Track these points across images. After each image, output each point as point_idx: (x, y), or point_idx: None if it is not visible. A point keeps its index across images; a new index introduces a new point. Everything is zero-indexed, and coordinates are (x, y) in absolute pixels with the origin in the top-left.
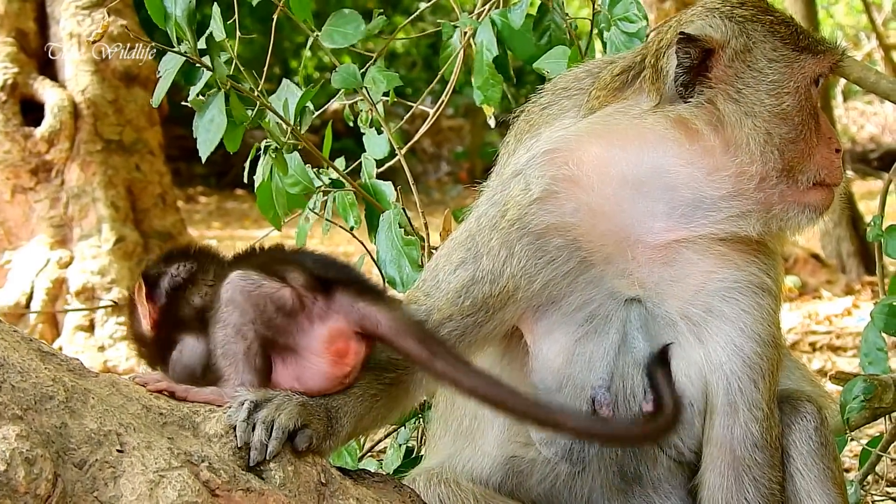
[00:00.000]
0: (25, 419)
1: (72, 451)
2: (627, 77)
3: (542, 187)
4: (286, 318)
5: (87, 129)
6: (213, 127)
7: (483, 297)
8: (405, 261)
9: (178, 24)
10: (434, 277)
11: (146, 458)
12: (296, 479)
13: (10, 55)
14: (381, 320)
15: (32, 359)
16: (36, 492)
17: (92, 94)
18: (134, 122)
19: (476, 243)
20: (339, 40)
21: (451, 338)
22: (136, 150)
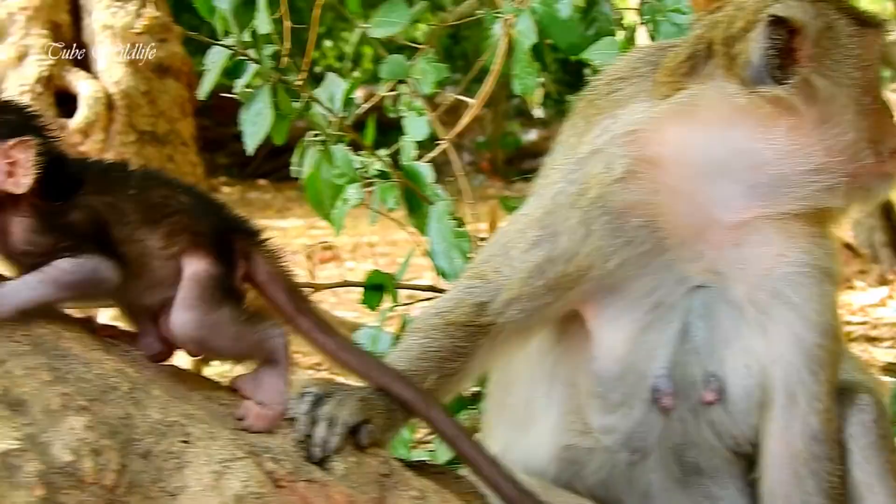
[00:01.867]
0: (91, 410)
1: (137, 442)
2: (694, 63)
3: (624, 167)
4: (225, 283)
5: (121, 121)
6: (259, 119)
7: (556, 277)
8: (456, 252)
9: (224, 17)
10: (506, 254)
11: (210, 448)
12: (358, 471)
13: (44, 47)
14: (259, 267)
15: (95, 349)
16: (102, 482)
17: (125, 85)
18: (167, 113)
19: (553, 221)
20: (387, 29)
21: (516, 318)
22: (169, 141)
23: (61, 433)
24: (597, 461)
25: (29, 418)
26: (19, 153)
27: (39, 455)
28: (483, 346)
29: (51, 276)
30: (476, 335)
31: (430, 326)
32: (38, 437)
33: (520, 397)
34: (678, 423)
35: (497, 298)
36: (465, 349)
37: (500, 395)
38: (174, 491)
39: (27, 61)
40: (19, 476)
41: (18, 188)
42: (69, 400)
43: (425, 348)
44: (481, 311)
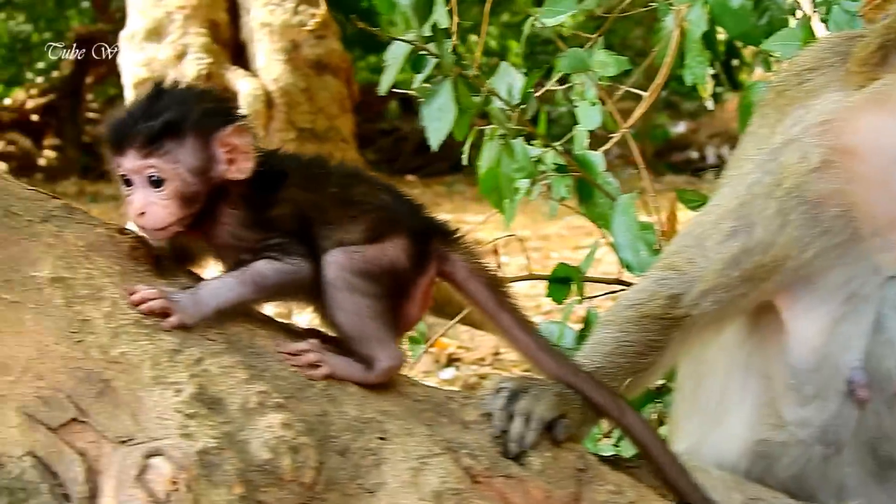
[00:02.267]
0: (287, 407)
1: (334, 439)
2: (886, 52)
3: (820, 156)
4: (399, 277)
5: (281, 118)
6: (441, 115)
7: (752, 268)
8: (641, 245)
9: (404, 12)
10: (700, 245)
11: (407, 444)
12: (554, 466)
13: (203, 46)
14: (458, 265)
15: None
16: (301, 480)
17: (284, 82)
18: (326, 110)
19: (750, 212)
20: (553, 20)
21: (710, 310)
22: (328, 138)
23: (259, 431)
24: (790, 455)
25: (226, 416)
26: (238, 139)
27: (238, 453)
28: (676, 339)
29: (250, 277)
30: (670, 328)
31: (623, 319)
32: (236, 435)
33: (712, 390)
34: (873, 416)
35: (691, 290)
36: (658, 342)
37: (691, 389)
38: (372, 488)
39: (186, 60)
40: (218, 474)
41: (242, 173)
42: (266, 398)
43: (619, 342)
44: (675, 304)
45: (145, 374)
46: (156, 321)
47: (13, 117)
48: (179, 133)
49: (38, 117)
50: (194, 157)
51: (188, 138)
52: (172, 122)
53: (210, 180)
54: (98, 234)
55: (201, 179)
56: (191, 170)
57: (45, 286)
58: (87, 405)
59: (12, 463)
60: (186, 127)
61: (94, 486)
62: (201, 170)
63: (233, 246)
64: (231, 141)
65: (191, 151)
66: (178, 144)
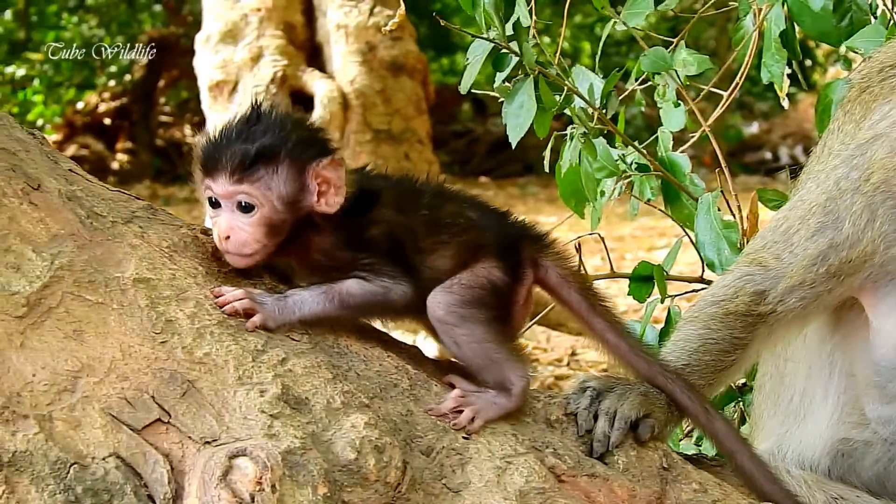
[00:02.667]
0: (372, 407)
1: (418, 439)
2: None
3: None
4: (500, 293)
5: (357, 120)
6: (523, 113)
7: (839, 263)
8: (724, 243)
9: (486, 10)
10: (787, 240)
11: (492, 444)
12: (639, 465)
13: (279, 48)
14: (550, 271)
15: (374, 346)
16: (386, 479)
17: (360, 84)
18: (402, 111)
19: (837, 207)
20: (633, 20)
21: (795, 307)
22: (404, 140)
23: (343, 431)
24: (874, 454)
25: (311, 416)
26: (332, 172)
27: (322, 453)
28: (761, 336)
29: (338, 294)
30: (755, 324)
31: (708, 316)
32: (321, 435)
33: (795, 389)
34: None
35: (777, 286)
36: (743, 339)
37: (773, 388)
38: (457, 487)
39: (262, 62)
40: (303, 474)
41: (331, 207)
42: (350, 397)
43: (704, 340)
44: (761, 300)
45: (230, 375)
46: (240, 322)
47: (86, 121)
48: (274, 160)
49: (111, 121)
50: (287, 185)
51: (282, 166)
52: (268, 148)
53: (298, 210)
54: (182, 234)
55: (290, 209)
56: (281, 198)
57: (128, 287)
58: (171, 406)
59: (96, 464)
60: (282, 155)
61: (178, 486)
62: (292, 199)
63: (322, 266)
64: (325, 174)
65: (284, 180)
66: (271, 172)
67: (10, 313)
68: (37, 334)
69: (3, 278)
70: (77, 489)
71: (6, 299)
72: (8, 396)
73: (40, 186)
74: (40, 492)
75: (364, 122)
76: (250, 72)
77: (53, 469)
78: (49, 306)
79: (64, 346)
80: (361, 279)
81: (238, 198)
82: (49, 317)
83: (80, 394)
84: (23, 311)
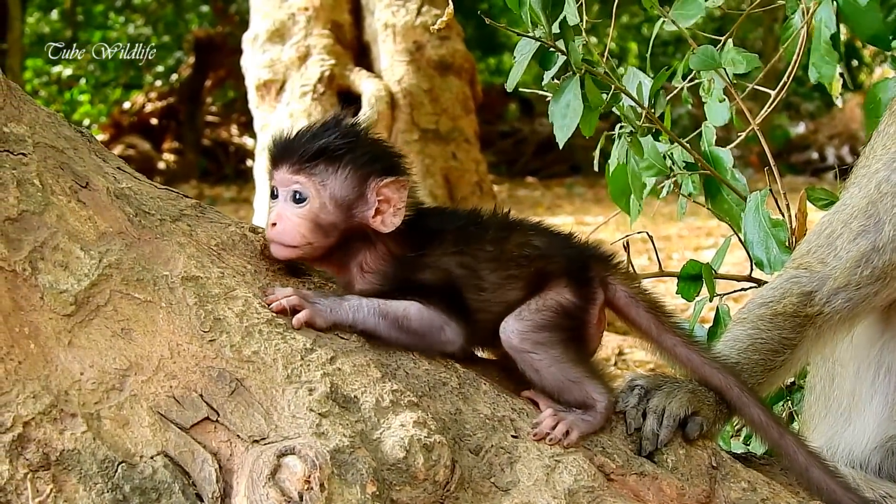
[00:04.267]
0: (421, 406)
1: (467, 437)
2: None
3: None
4: (573, 317)
5: (404, 119)
6: (569, 112)
7: (883, 265)
8: (773, 242)
9: (532, 8)
10: (830, 244)
11: (540, 443)
12: (688, 463)
13: (326, 47)
14: (618, 292)
15: None
16: (435, 478)
17: (407, 83)
18: (449, 110)
19: (878, 210)
20: (683, 21)
21: (842, 308)
22: (452, 139)
23: (392, 429)
24: None
25: (359, 415)
26: (392, 192)
27: (371, 452)
28: (809, 337)
29: (394, 314)
30: (803, 325)
31: (757, 317)
32: (370, 433)
33: (845, 388)
34: None
35: (823, 288)
36: (792, 340)
37: (823, 388)
38: (506, 486)
39: (310, 61)
40: (352, 473)
41: (385, 227)
42: (399, 396)
43: (754, 339)
44: (808, 301)
45: (278, 374)
46: (289, 320)
47: (132, 121)
48: (336, 161)
49: (158, 121)
50: (343, 188)
51: (343, 170)
52: (332, 148)
53: (351, 217)
54: (230, 232)
55: (341, 213)
56: (334, 199)
57: (177, 285)
58: (219, 404)
59: (144, 463)
60: (345, 159)
61: (226, 485)
62: (345, 204)
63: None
64: (386, 192)
65: (341, 182)
66: (330, 171)
67: (59, 311)
68: (85, 333)
69: (51, 276)
70: (125, 488)
71: (54, 297)
72: (56, 395)
73: (88, 184)
74: (88, 490)
75: (411, 122)
76: (297, 71)
77: (101, 468)
78: (97, 304)
79: (112, 345)
80: (421, 304)
81: (293, 187)
82: (97, 315)
83: (128, 392)
84: (71, 310)
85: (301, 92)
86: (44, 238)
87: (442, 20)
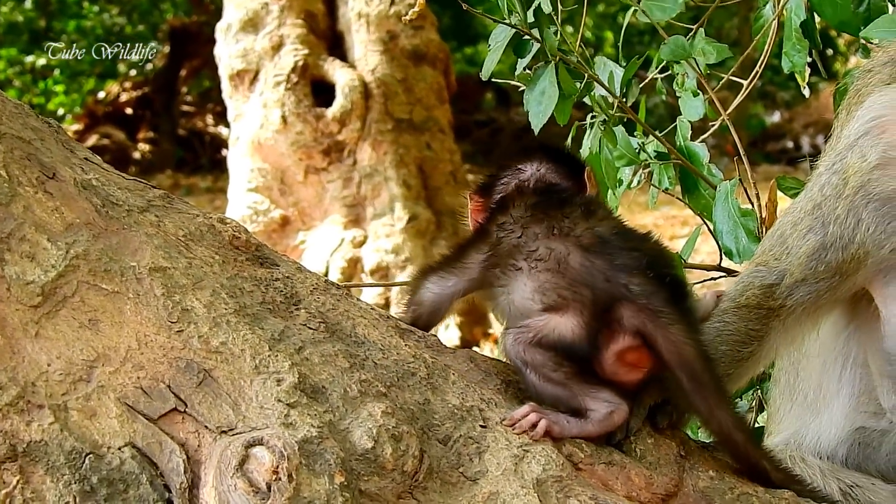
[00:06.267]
0: (389, 396)
1: (436, 427)
2: None
3: (878, 154)
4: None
5: (378, 109)
6: (544, 99)
7: (836, 262)
8: (742, 232)
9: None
10: (782, 244)
11: (509, 432)
12: (656, 452)
13: (299, 37)
14: (658, 337)
15: (392, 335)
16: (403, 468)
17: (381, 73)
18: (423, 100)
19: (823, 212)
20: (658, 14)
21: (804, 300)
22: (426, 129)
23: (361, 420)
24: (890, 443)
25: (327, 405)
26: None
27: (339, 442)
28: (775, 329)
29: None
30: (768, 317)
31: (722, 311)
32: (338, 424)
33: (811, 380)
34: None
35: (783, 281)
36: (758, 332)
37: (788, 380)
38: (474, 476)
39: (283, 51)
40: (320, 463)
41: None
42: (367, 386)
43: (720, 331)
44: (770, 293)
45: (246, 364)
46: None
47: (107, 111)
48: None
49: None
50: None
51: None
52: None
53: None
54: (198, 223)
55: None
56: None
57: (144, 276)
58: (187, 395)
59: (112, 454)
60: None
61: (194, 476)
62: None
63: None
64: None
65: None
66: None
67: (26, 303)
68: (52, 324)
69: (18, 268)
70: (92, 479)
71: (21, 289)
72: (23, 386)
73: (55, 175)
74: (55, 482)
75: (385, 112)
76: (271, 61)
77: (69, 459)
78: (64, 295)
79: (79, 336)
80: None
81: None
82: (64, 306)
83: (96, 383)
84: (38, 301)
85: (274, 82)
86: (10, 229)
87: (414, 10)
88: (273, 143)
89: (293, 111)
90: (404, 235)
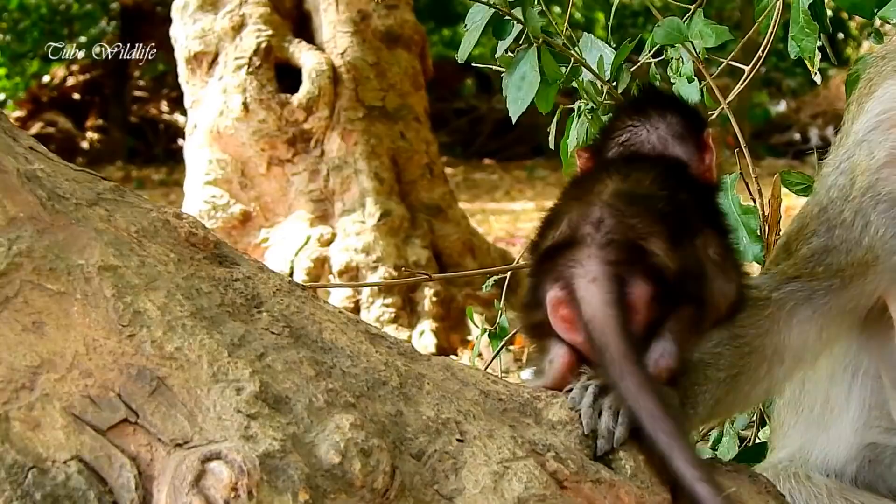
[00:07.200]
0: (359, 407)
1: (409, 441)
2: None
3: (888, 151)
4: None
5: (348, 95)
6: (524, 84)
7: (838, 265)
8: (743, 231)
9: None
10: (786, 251)
11: (488, 447)
12: (647, 469)
13: (262, 17)
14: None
15: (361, 342)
16: (373, 485)
17: (352, 56)
18: (397, 86)
19: (829, 216)
20: None
21: (794, 298)
22: (400, 117)
23: (327, 432)
24: None
25: (291, 417)
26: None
27: (304, 457)
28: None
29: None
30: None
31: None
32: (302, 437)
33: (818, 392)
34: None
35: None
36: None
37: (793, 392)
38: (450, 494)
39: (244, 32)
40: (282, 480)
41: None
42: (335, 396)
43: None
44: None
45: (203, 371)
46: (214, 314)
47: (53, 96)
48: None
49: (80, 96)
50: None
51: None
52: None
53: None
54: (152, 218)
55: None
56: None
57: (93, 275)
58: (139, 405)
59: (57, 468)
60: None
61: (146, 493)
62: None
63: None
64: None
65: None
66: None
67: None
68: None
69: None
70: (36, 495)
71: None
72: None
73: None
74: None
75: (356, 98)
76: (231, 42)
77: (10, 473)
78: (6, 296)
79: (22, 340)
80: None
81: None
82: (6, 308)
83: (40, 391)
84: None
85: (235, 65)
86: None
87: None
88: (233, 131)
89: (255, 97)
90: (376, 233)
